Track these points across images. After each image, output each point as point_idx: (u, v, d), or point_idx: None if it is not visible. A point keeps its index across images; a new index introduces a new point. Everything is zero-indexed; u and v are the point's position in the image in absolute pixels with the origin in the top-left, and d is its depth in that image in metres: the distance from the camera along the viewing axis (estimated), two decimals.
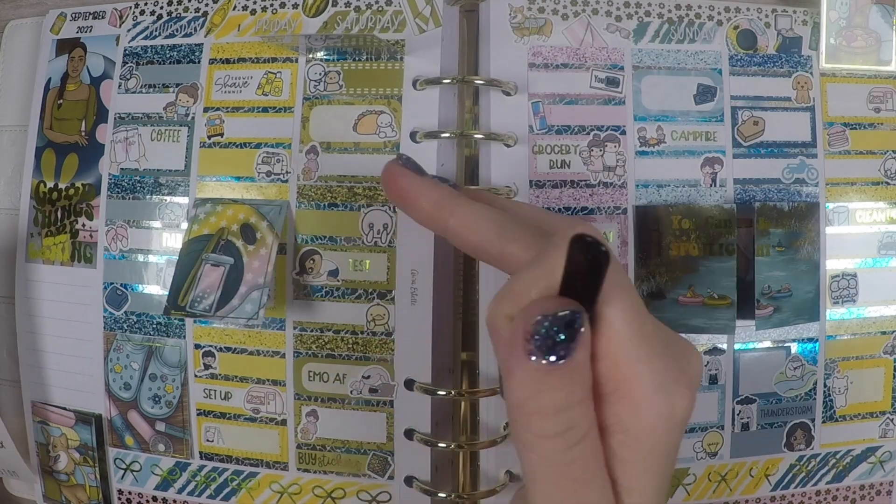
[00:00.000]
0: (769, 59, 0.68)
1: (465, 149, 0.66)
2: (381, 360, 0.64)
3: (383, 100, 0.65)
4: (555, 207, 0.65)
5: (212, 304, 0.63)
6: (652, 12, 0.67)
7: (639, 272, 0.65)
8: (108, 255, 0.69)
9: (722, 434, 0.67)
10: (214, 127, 0.67)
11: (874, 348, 0.69)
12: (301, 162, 0.66)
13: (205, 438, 0.67)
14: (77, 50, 0.70)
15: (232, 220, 0.65)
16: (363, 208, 0.65)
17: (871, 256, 0.68)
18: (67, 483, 0.71)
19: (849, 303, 0.68)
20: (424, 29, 0.65)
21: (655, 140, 0.66)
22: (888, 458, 0.69)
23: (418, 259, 0.64)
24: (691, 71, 0.67)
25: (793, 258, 0.65)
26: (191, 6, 0.69)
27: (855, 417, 0.69)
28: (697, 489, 0.67)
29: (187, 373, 0.67)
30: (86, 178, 0.69)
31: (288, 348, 0.65)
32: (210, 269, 0.64)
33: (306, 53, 0.66)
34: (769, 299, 0.64)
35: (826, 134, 0.68)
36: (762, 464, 0.68)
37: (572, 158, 0.65)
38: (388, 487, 0.65)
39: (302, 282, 0.65)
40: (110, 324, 0.68)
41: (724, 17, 0.67)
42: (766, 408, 0.67)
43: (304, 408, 0.66)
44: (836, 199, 0.68)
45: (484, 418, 0.65)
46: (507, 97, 0.65)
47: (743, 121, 0.67)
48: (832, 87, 0.68)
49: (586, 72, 0.66)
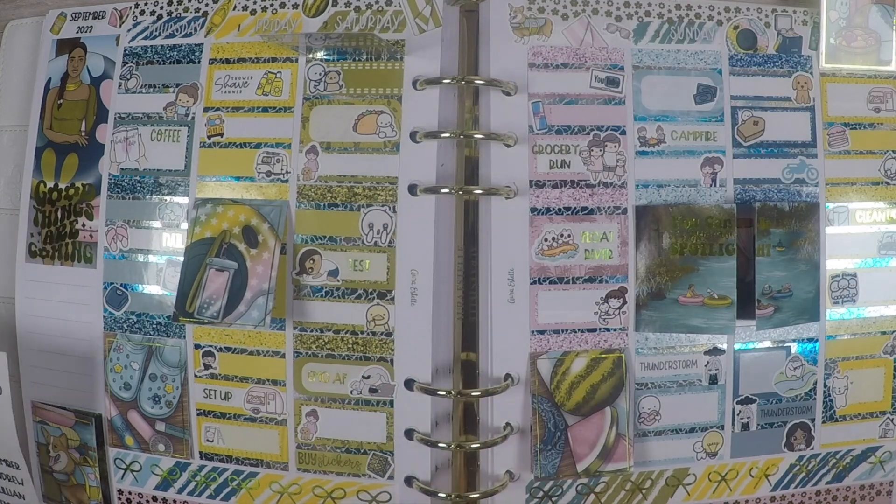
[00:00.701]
0: (769, 59, 0.68)
1: (465, 149, 0.66)
2: (381, 360, 0.64)
3: (383, 100, 0.65)
4: (555, 207, 0.65)
5: (219, 310, 0.63)
6: (652, 12, 0.67)
7: (639, 272, 0.65)
8: (108, 255, 0.68)
9: (722, 434, 0.67)
10: (214, 127, 0.67)
11: (874, 348, 0.69)
12: (301, 162, 0.66)
13: (205, 438, 0.67)
14: (77, 50, 0.70)
15: (233, 221, 0.65)
16: (363, 208, 0.65)
17: (872, 256, 0.68)
18: (67, 483, 0.71)
19: (849, 303, 0.68)
20: (424, 29, 0.65)
21: (655, 140, 0.66)
22: (888, 458, 0.70)
23: (418, 259, 0.64)
24: (691, 71, 0.67)
25: (793, 258, 0.66)
26: (191, 6, 0.69)
27: (855, 417, 0.69)
28: (697, 489, 0.67)
29: (187, 373, 0.67)
30: (86, 178, 0.69)
31: (288, 348, 0.65)
32: (215, 275, 0.64)
33: (306, 53, 0.66)
34: (769, 299, 0.65)
35: (826, 134, 0.68)
36: (762, 464, 0.68)
37: (572, 158, 0.65)
38: (388, 487, 0.65)
39: (302, 282, 0.65)
40: (110, 324, 0.68)
41: (724, 17, 0.67)
42: (766, 408, 0.67)
43: (304, 408, 0.66)
44: (837, 199, 0.68)
45: (484, 418, 0.65)
46: (507, 97, 0.65)
47: (743, 121, 0.67)
48: (832, 87, 0.68)
49: (586, 72, 0.66)
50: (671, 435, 0.66)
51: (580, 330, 0.65)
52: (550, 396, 0.64)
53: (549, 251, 0.65)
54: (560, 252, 0.65)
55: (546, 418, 0.64)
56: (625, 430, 0.64)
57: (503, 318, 0.64)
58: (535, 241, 0.65)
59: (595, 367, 0.65)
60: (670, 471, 0.67)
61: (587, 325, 0.65)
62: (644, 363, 0.66)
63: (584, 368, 0.65)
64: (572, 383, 0.64)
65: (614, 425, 0.64)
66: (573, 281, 0.65)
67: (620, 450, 0.64)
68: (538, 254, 0.65)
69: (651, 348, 0.66)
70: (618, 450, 0.64)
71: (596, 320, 0.65)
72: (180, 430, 0.68)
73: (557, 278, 0.65)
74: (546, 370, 0.64)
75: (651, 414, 0.66)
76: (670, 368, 0.66)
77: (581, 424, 0.64)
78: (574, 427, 0.64)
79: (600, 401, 0.65)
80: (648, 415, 0.66)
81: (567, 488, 0.66)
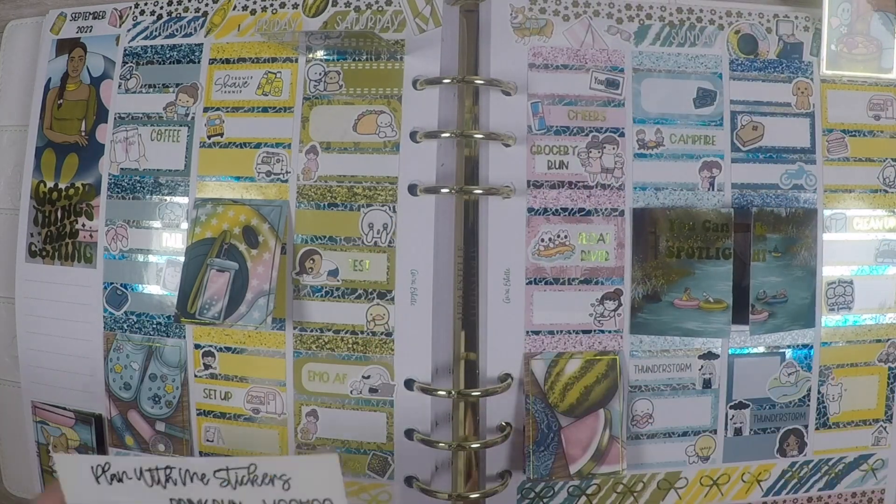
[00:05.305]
0: (770, 64, 0.68)
1: (465, 149, 0.66)
2: (381, 360, 0.65)
3: (383, 100, 0.65)
4: (552, 208, 0.65)
5: (220, 311, 0.63)
6: (653, 15, 0.67)
7: (635, 274, 0.65)
8: (108, 255, 0.69)
9: (714, 438, 0.67)
10: (214, 127, 0.67)
11: (869, 356, 0.69)
12: (301, 162, 0.66)
13: (205, 438, 0.68)
14: (77, 50, 0.70)
15: (233, 222, 0.65)
16: (363, 208, 0.65)
17: (868, 264, 0.69)
18: None
19: (844, 310, 0.68)
20: (424, 29, 0.65)
21: (654, 143, 0.66)
22: (880, 465, 0.70)
23: (418, 259, 0.64)
24: (691, 74, 0.67)
25: (789, 264, 0.66)
26: (191, 6, 0.69)
27: (848, 425, 0.69)
28: (689, 493, 0.68)
29: (187, 373, 0.68)
30: (86, 178, 0.69)
31: (288, 348, 0.66)
32: (216, 275, 0.64)
33: (306, 52, 0.66)
34: (765, 304, 0.65)
35: (825, 140, 0.68)
36: (754, 469, 0.68)
37: (570, 159, 0.65)
38: (388, 487, 0.66)
39: (302, 282, 0.66)
40: (110, 324, 0.69)
41: (726, 22, 0.67)
42: (759, 413, 0.68)
43: (304, 408, 0.66)
44: (834, 205, 0.68)
45: (484, 418, 0.66)
46: (507, 97, 0.65)
47: (742, 125, 0.67)
48: (832, 94, 0.68)
49: (586, 73, 0.66)
50: (664, 438, 0.67)
51: (575, 331, 0.66)
52: (544, 397, 0.65)
53: (546, 252, 0.65)
54: (556, 253, 0.65)
55: (539, 419, 0.65)
56: (618, 433, 0.65)
57: (499, 318, 0.65)
58: (531, 241, 0.65)
59: (589, 369, 0.65)
60: (662, 474, 0.67)
61: (582, 327, 0.66)
62: (638, 366, 0.66)
63: (578, 370, 0.65)
64: (566, 384, 0.65)
65: (608, 427, 0.65)
66: (569, 282, 0.65)
67: (614, 452, 0.65)
68: (534, 254, 0.65)
69: (645, 351, 0.66)
70: (611, 452, 0.65)
71: (591, 322, 0.66)
72: (180, 430, 0.68)
73: (553, 279, 0.65)
74: (540, 371, 0.65)
75: (644, 417, 0.66)
76: (664, 371, 0.66)
77: (574, 426, 0.65)
78: (567, 428, 0.65)
79: (594, 402, 0.65)
80: (641, 417, 0.66)
81: (558, 490, 0.66)
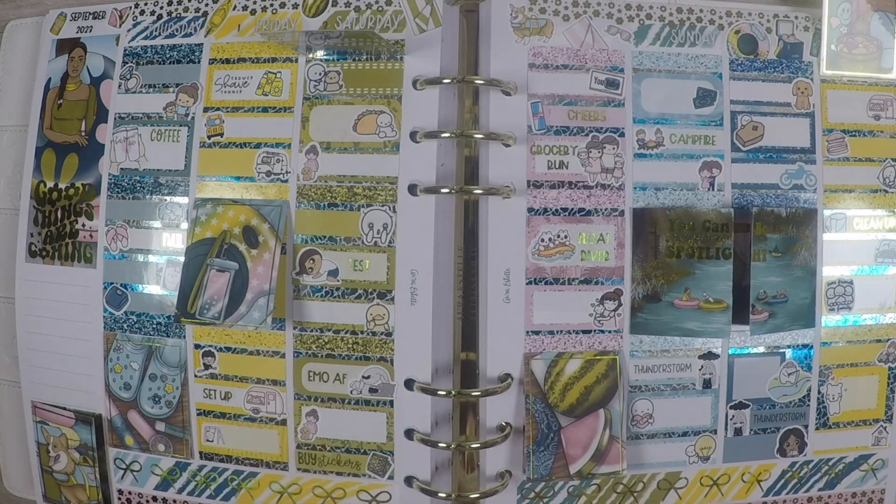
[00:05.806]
0: (770, 64, 0.68)
1: (464, 149, 0.66)
2: (380, 360, 0.65)
3: (383, 100, 0.65)
4: (552, 208, 0.65)
5: (220, 311, 0.63)
6: (653, 15, 0.67)
7: (635, 274, 0.65)
8: (108, 255, 0.69)
9: (714, 438, 0.67)
10: (214, 127, 0.67)
11: (869, 356, 0.69)
12: (301, 162, 0.66)
13: (205, 438, 0.68)
14: (77, 50, 0.70)
15: (233, 222, 0.65)
16: (363, 208, 0.65)
17: (868, 264, 0.69)
18: (67, 483, 0.71)
19: (844, 310, 0.68)
20: (424, 29, 0.65)
21: (654, 143, 0.66)
22: (880, 465, 0.70)
23: (418, 259, 0.64)
24: (691, 74, 0.67)
25: (789, 264, 0.66)
26: (191, 6, 0.69)
27: (848, 425, 0.69)
28: (689, 493, 0.68)
29: (187, 373, 0.68)
30: (86, 178, 0.69)
31: (288, 348, 0.66)
32: (216, 275, 0.64)
33: (306, 52, 0.66)
34: (765, 304, 0.65)
35: (825, 140, 0.68)
36: (754, 469, 0.68)
37: (570, 159, 0.65)
38: (388, 487, 0.66)
39: (302, 282, 0.65)
40: (110, 324, 0.69)
41: (726, 22, 0.67)
42: (759, 413, 0.68)
43: (304, 408, 0.66)
44: (834, 205, 0.68)
45: (484, 418, 0.66)
46: (507, 97, 0.65)
47: (742, 125, 0.67)
48: (832, 94, 0.68)
49: (586, 73, 0.66)
50: (664, 438, 0.67)
51: (575, 331, 0.66)
52: (544, 397, 0.65)
53: (546, 252, 0.65)
54: (556, 253, 0.65)
55: (539, 419, 0.65)
56: (618, 433, 0.65)
57: (499, 318, 0.65)
58: (531, 241, 0.65)
59: (589, 369, 0.65)
60: (662, 474, 0.67)
61: (582, 327, 0.66)
62: (638, 366, 0.66)
63: (578, 370, 0.65)
64: (566, 385, 0.65)
65: (608, 427, 0.65)
66: (569, 282, 0.65)
67: (614, 452, 0.65)
68: (534, 254, 0.65)
69: (645, 351, 0.66)
70: (611, 452, 0.65)
71: (591, 322, 0.66)
72: (180, 430, 0.68)
73: (553, 279, 0.65)
74: (540, 371, 0.65)
75: (644, 417, 0.66)
76: (664, 371, 0.66)
77: (574, 426, 0.65)
78: (567, 428, 0.65)
79: (594, 403, 0.65)
80: (641, 418, 0.66)
81: (558, 489, 0.66)
